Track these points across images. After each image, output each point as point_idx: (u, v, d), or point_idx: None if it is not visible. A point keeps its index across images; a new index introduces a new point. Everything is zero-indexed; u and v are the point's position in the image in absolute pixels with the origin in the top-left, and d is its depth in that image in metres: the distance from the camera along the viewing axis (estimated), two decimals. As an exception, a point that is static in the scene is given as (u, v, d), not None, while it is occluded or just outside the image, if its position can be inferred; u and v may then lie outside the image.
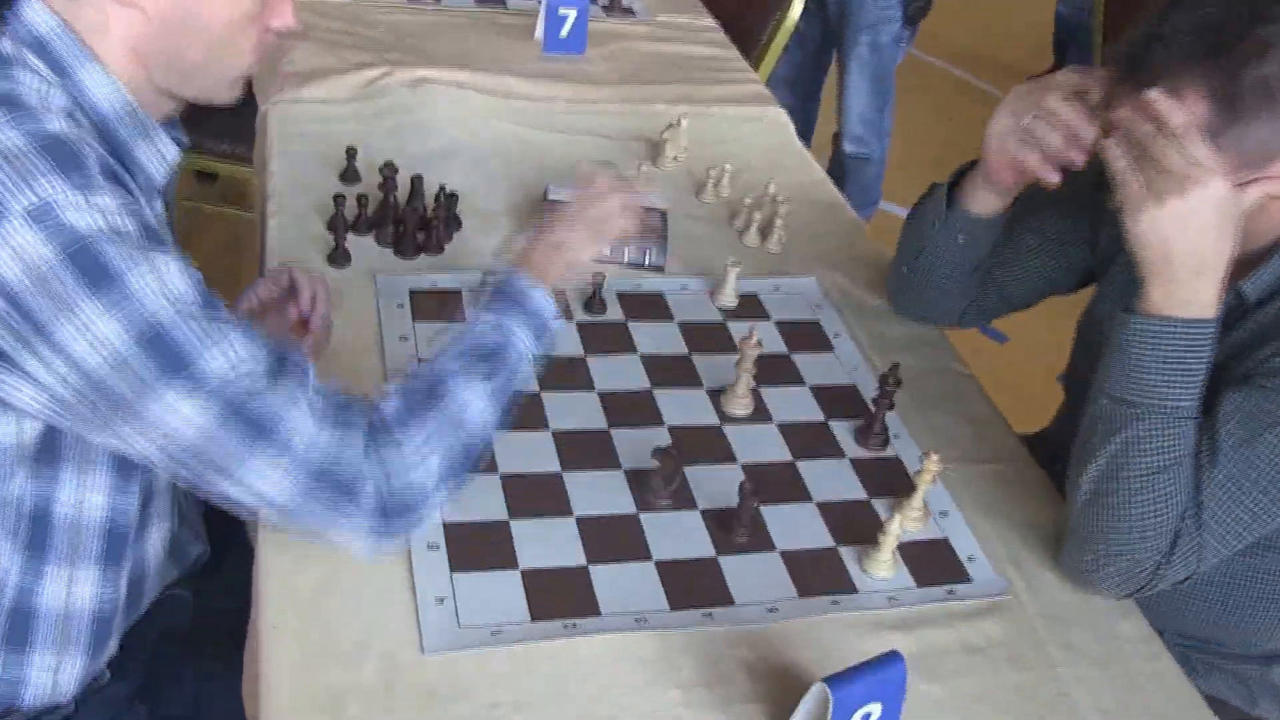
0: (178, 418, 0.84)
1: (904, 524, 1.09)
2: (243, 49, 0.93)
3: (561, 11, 1.89)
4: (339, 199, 1.40)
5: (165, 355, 0.83)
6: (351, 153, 1.54)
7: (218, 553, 1.21)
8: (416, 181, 1.47)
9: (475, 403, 0.96)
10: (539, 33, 1.94)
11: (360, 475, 0.90)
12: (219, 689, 1.06)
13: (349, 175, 1.54)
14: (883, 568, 1.08)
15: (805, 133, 2.98)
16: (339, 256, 1.38)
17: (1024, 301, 1.37)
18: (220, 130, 2.25)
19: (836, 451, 1.21)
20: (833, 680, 0.86)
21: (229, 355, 0.85)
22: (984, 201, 1.25)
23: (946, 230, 1.28)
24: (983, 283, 1.35)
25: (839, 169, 2.88)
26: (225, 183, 2.64)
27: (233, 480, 0.88)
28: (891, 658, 0.88)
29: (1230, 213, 0.97)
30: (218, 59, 0.93)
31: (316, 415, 0.89)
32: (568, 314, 1.28)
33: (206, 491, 0.90)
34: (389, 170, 1.45)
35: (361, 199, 1.43)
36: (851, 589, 1.06)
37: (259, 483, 0.88)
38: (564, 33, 1.91)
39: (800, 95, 2.91)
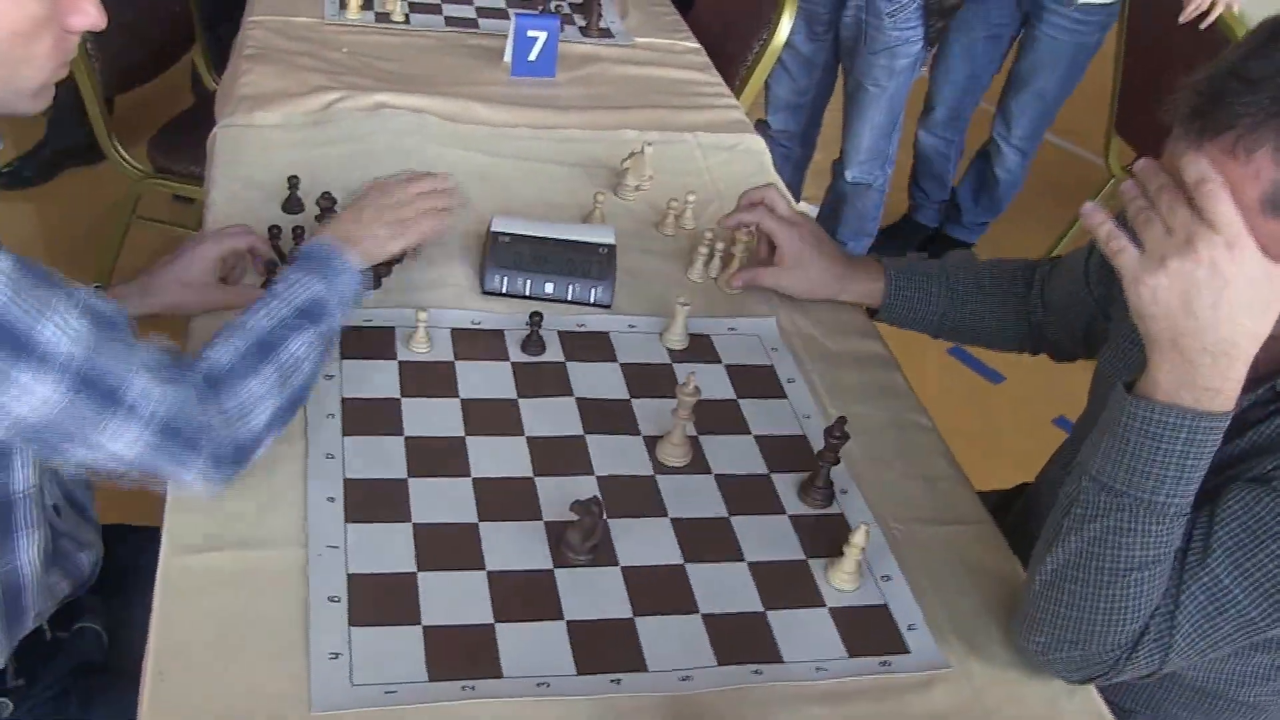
0: (31, 400, 0.89)
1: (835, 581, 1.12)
2: (35, 56, 0.93)
3: (530, 33, 1.91)
4: (274, 230, 1.42)
5: (4, 339, 0.87)
6: (293, 181, 1.56)
7: (131, 582, 1.23)
8: (359, 212, 1.49)
9: (303, 351, 1.10)
10: (507, 55, 1.97)
11: (201, 427, 1.00)
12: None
13: (291, 205, 1.56)
14: (847, 580, 1.13)
15: (805, 160, 3.02)
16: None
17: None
18: (193, 155, 2.30)
19: (776, 507, 1.21)
20: (730, 757, 0.86)
21: (63, 325, 0.90)
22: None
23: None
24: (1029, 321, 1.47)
25: (838, 197, 2.90)
26: (201, 207, 2.69)
27: (87, 445, 0.95)
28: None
29: (1264, 289, 0.88)
30: (9, 70, 0.92)
31: (154, 372, 0.97)
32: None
33: (59, 460, 0.98)
34: (326, 201, 1.48)
35: (298, 230, 1.45)
36: (776, 658, 1.05)
37: (111, 444, 0.96)
38: (533, 56, 1.94)
39: (802, 121, 2.94)
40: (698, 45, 2.20)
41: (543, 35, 1.93)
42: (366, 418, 1.24)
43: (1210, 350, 0.90)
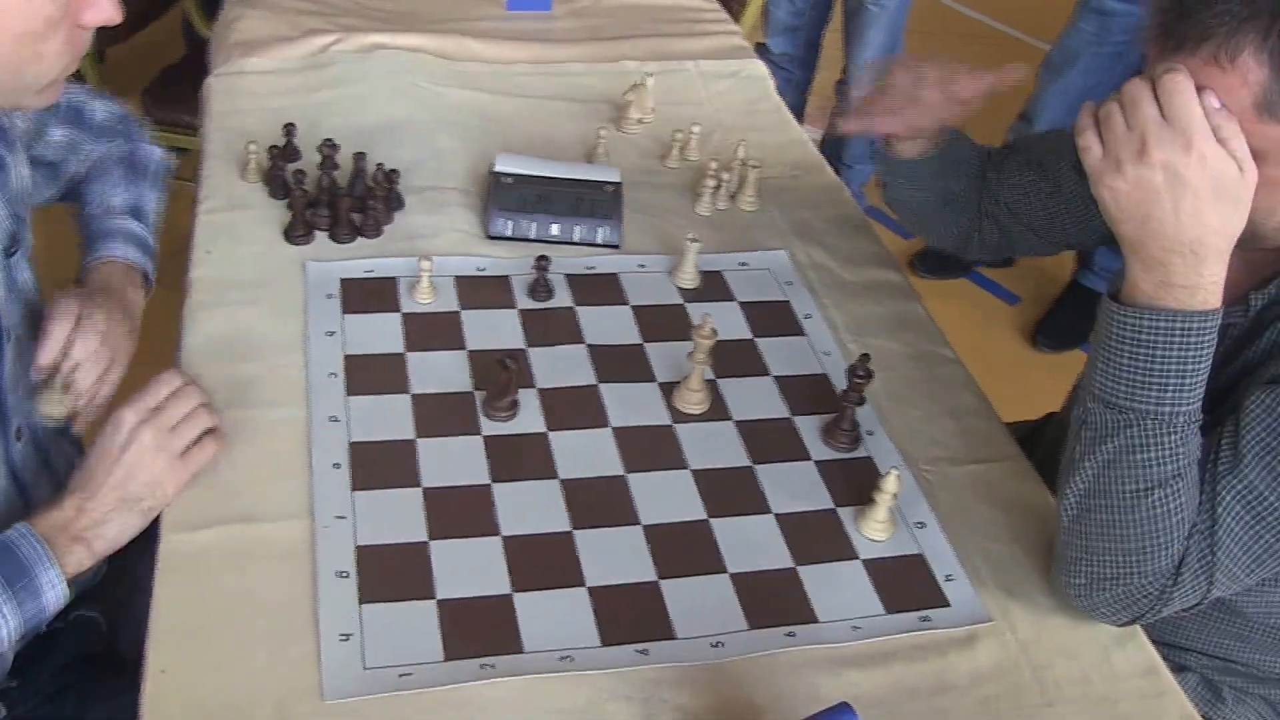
0: None
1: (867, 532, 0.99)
2: (44, 55, 0.84)
3: (523, -35, 1.73)
4: (299, 175, 1.26)
5: None
6: (290, 129, 1.39)
7: (131, 564, 1.10)
8: (359, 159, 1.34)
9: None
10: (503, -12, 1.78)
11: None
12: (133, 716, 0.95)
13: (288, 153, 1.39)
14: (879, 529, 1.00)
15: (806, 83, 2.82)
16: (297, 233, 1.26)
17: (1036, 250, 1.28)
18: (187, 105, 2.12)
19: (801, 453, 1.07)
20: (770, 743, 0.73)
21: None
22: (905, 147, 1.21)
23: (889, 174, 1.25)
24: (988, 220, 1.25)
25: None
26: (196, 157, 2.52)
27: None
28: (840, 710, 0.75)
29: (1229, 186, 0.80)
30: (14, 70, 0.84)
31: None
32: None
33: None
34: (328, 148, 1.31)
35: (299, 174, 1.29)
36: (810, 618, 0.92)
37: None
38: (528, -12, 1.75)
39: (802, 43, 2.74)
40: (694, -30, 2.00)
41: (537, -33, 1.74)
42: (370, 375, 1.09)
43: (1178, 251, 0.82)
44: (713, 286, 1.26)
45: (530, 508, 0.98)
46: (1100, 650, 0.92)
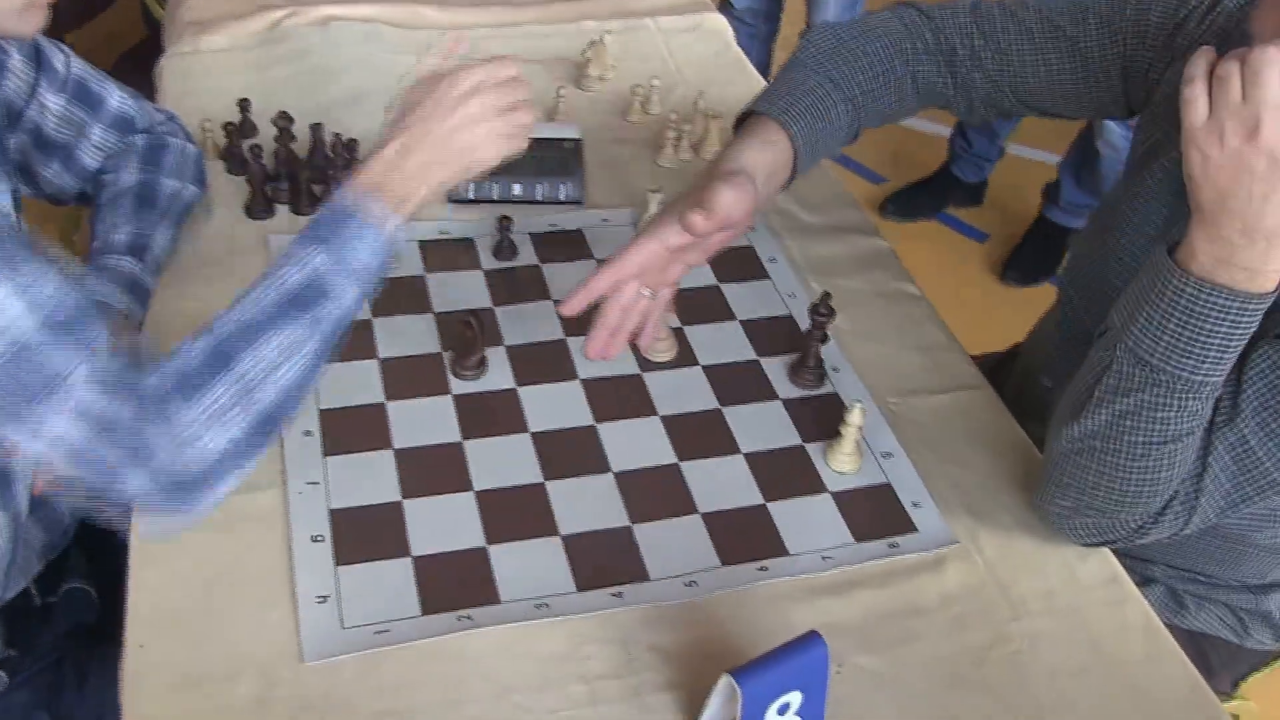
0: None
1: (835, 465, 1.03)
2: None
3: (474, -74, 1.74)
4: (255, 149, 1.28)
5: None
6: (245, 104, 1.42)
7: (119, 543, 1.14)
8: (317, 130, 1.36)
9: (275, 354, 0.83)
10: (455, -48, 1.80)
11: (139, 440, 0.79)
12: None
13: (244, 129, 1.42)
14: (846, 461, 1.02)
15: (772, 35, 2.83)
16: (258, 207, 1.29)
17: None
18: (149, 90, 2.14)
19: (768, 393, 1.10)
20: (741, 672, 0.76)
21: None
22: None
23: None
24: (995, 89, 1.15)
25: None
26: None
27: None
28: (810, 640, 0.78)
29: None
30: None
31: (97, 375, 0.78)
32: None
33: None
34: (283, 121, 1.34)
35: (256, 149, 1.32)
36: (781, 552, 0.96)
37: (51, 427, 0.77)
38: (481, -50, 1.77)
39: (768, -3, 2.75)
40: (651, -77, 2.02)
41: (489, -72, 1.75)
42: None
43: (1249, 234, 0.79)
44: (677, 237, 1.29)
45: (502, 462, 1.02)
46: (1064, 564, 0.96)
